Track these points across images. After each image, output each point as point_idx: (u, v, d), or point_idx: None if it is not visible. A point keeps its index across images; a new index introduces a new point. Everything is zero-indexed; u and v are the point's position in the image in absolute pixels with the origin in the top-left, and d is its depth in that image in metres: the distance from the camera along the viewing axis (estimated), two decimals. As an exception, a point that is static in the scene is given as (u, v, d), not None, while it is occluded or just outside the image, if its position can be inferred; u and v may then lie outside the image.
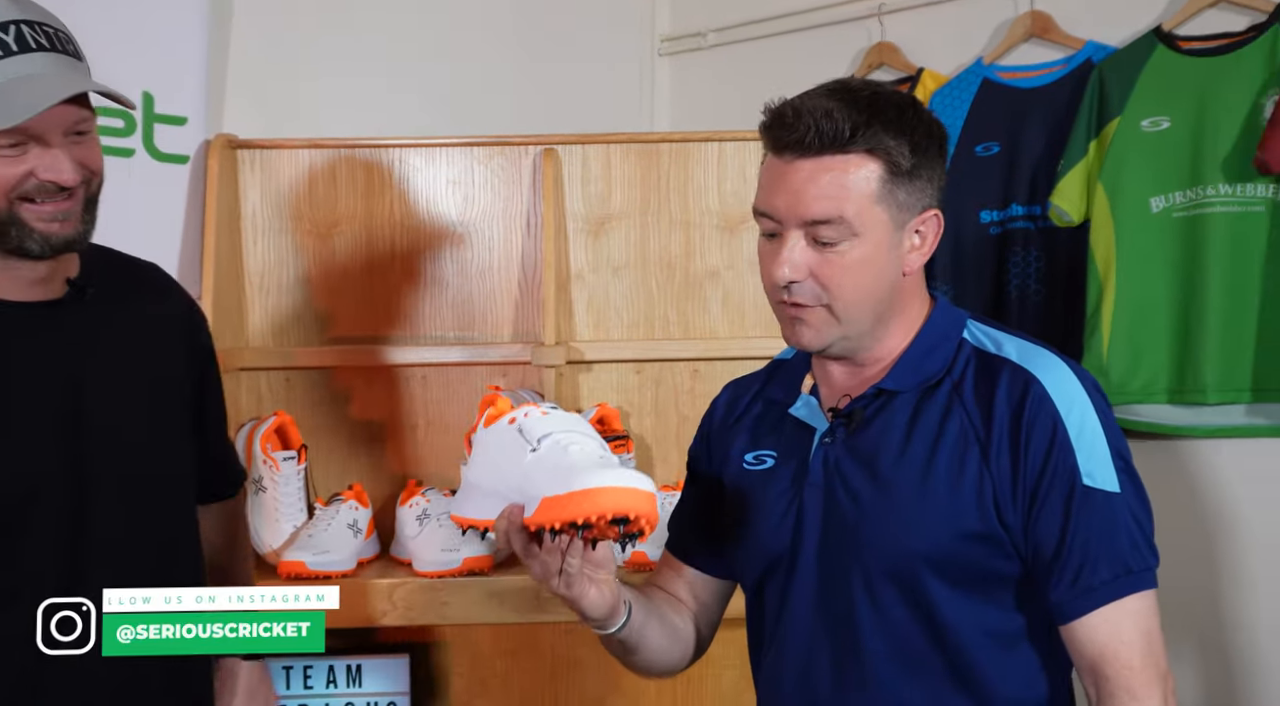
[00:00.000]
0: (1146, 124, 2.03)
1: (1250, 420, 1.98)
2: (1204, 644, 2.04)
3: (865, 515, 1.08)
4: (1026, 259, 2.18)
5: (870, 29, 2.42)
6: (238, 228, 1.96)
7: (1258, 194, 1.94)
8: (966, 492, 1.05)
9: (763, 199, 1.09)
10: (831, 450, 1.11)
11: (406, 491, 1.90)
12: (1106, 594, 1.01)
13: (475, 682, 2.01)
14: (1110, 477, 1.03)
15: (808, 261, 1.06)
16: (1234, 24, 2.00)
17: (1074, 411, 1.04)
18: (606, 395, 2.00)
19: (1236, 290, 1.95)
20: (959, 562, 1.05)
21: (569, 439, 1.01)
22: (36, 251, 1.11)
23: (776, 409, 1.18)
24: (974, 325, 1.14)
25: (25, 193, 1.09)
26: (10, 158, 1.07)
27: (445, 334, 2.00)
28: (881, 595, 1.07)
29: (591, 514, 0.94)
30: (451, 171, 2.00)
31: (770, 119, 1.08)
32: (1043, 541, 1.03)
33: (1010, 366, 1.08)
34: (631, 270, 2.00)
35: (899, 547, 1.06)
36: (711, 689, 2.00)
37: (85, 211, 1.12)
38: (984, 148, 2.23)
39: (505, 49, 2.51)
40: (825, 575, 1.10)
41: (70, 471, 1.15)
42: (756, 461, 1.18)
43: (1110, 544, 1.02)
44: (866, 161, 1.05)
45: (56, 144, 1.09)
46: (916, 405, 1.09)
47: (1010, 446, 1.04)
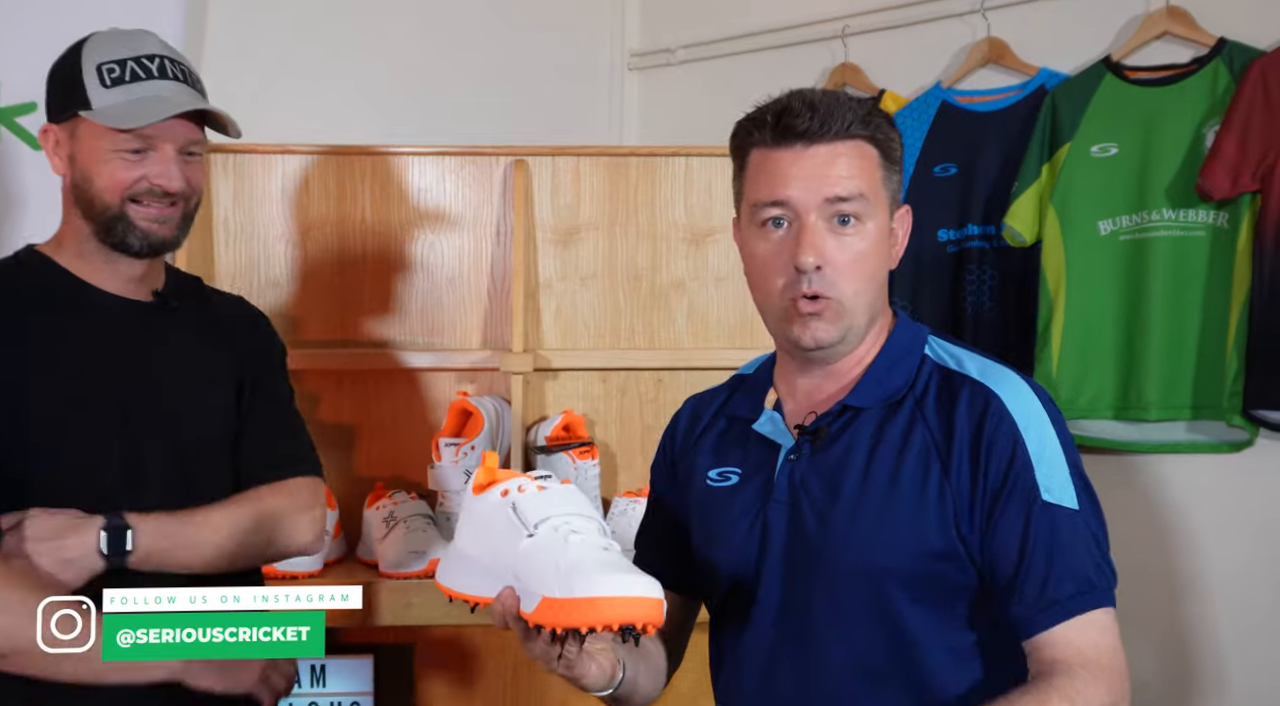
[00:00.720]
0: (1096, 150, 2.11)
1: (1191, 436, 2.06)
2: (1150, 647, 2.12)
3: (830, 532, 1.08)
4: (981, 277, 2.25)
5: (834, 50, 2.48)
6: (209, 231, 1.97)
7: (1199, 219, 2.02)
8: (929, 509, 1.06)
9: (771, 190, 1.09)
10: (797, 467, 1.12)
11: (373, 494, 1.92)
12: (1070, 608, 1.02)
13: (439, 683, 2.02)
14: (1070, 494, 1.05)
15: (827, 247, 1.07)
16: (1179, 56, 2.08)
17: (1033, 428, 1.06)
18: (572, 402, 2.03)
19: (1178, 311, 2.03)
20: (922, 578, 1.06)
21: (567, 526, 0.98)
22: (136, 248, 1.28)
23: (740, 424, 1.19)
24: (935, 341, 1.16)
25: (136, 194, 1.27)
26: (130, 162, 1.26)
27: (414, 339, 2.02)
28: (846, 610, 1.07)
29: (597, 624, 0.91)
30: (423, 180, 2.02)
31: (777, 112, 1.09)
32: (1001, 556, 1.04)
33: (971, 382, 1.09)
34: (599, 280, 2.03)
35: (864, 564, 1.07)
36: (669, 694, 2.03)
37: (183, 221, 1.31)
38: (942, 168, 2.30)
39: (478, 61, 2.55)
40: (789, 591, 1.11)
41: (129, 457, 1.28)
42: (721, 478, 1.18)
43: (1072, 559, 1.03)
44: (870, 148, 1.10)
45: (169, 156, 1.28)
46: (880, 422, 1.10)
47: (970, 461, 1.05)
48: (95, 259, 1.31)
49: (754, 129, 1.11)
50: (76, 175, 1.28)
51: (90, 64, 1.28)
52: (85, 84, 1.27)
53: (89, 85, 1.27)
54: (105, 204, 1.27)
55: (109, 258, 1.30)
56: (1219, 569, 2.06)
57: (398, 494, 1.90)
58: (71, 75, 1.28)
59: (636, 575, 0.93)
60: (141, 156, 1.27)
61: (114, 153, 1.26)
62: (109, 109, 1.26)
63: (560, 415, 1.95)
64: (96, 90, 1.26)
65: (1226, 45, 2.02)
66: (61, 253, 1.32)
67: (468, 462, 1.86)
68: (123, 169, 1.26)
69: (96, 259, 1.31)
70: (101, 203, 1.27)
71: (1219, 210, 2.00)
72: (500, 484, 1.03)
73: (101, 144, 1.26)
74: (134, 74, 1.27)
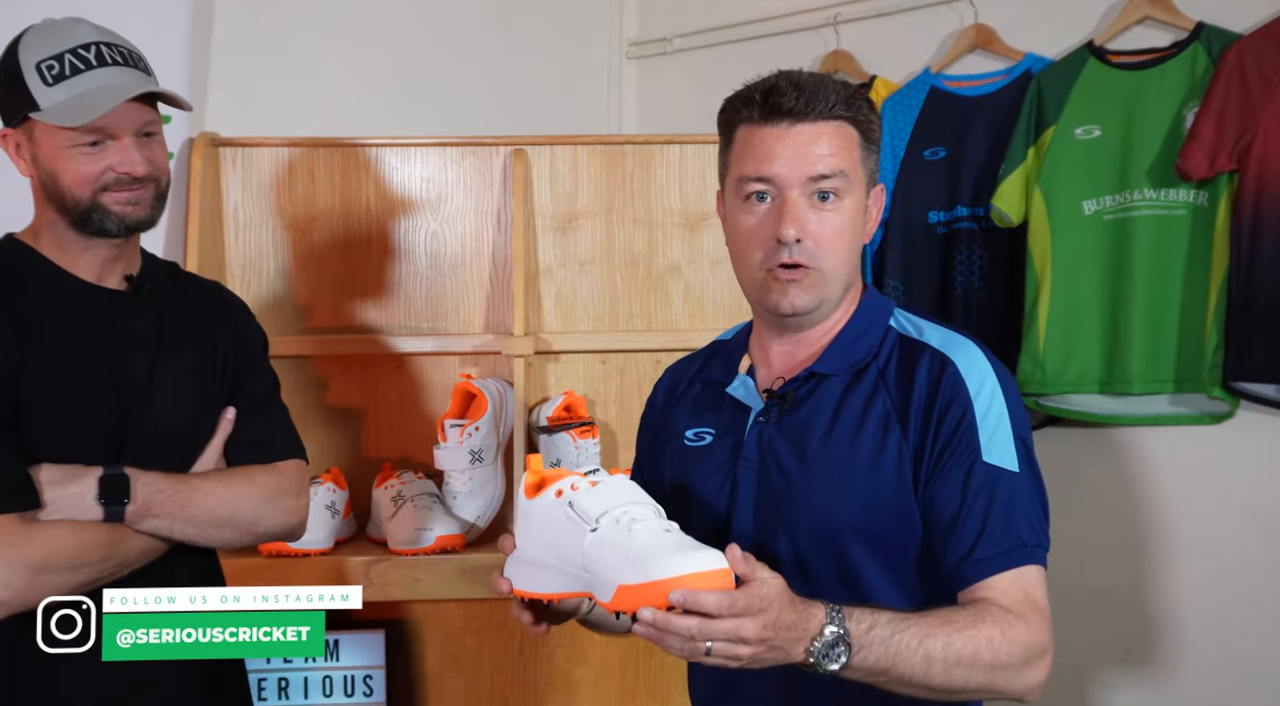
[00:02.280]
0: (1080, 132, 2.15)
1: (1173, 409, 2.11)
2: (1128, 611, 2.17)
3: (794, 489, 1.15)
4: (970, 257, 2.30)
5: (826, 38, 2.53)
6: (219, 222, 2.02)
7: (1180, 199, 2.07)
8: (886, 469, 1.12)
9: (756, 166, 1.15)
10: (765, 429, 1.18)
11: (382, 474, 1.98)
12: (1002, 562, 1.08)
13: (447, 657, 2.08)
14: (1011, 458, 1.11)
15: (809, 221, 1.13)
16: (1159, 40, 2.13)
17: (983, 394, 1.12)
18: (573, 384, 2.08)
19: (1159, 287, 2.07)
20: (877, 532, 1.13)
21: (627, 515, 1.02)
22: (114, 231, 1.30)
23: (715, 388, 1.26)
24: (900, 314, 1.22)
25: (104, 184, 1.29)
26: (92, 155, 1.28)
27: (419, 324, 2.06)
28: (808, 561, 1.14)
29: (660, 606, 0.95)
30: (426, 170, 2.07)
31: (765, 90, 1.15)
32: (940, 509, 1.10)
33: (930, 350, 1.16)
34: (597, 265, 2.08)
35: (824, 518, 1.13)
36: (674, 659, 2.08)
37: (155, 200, 1.32)
38: (931, 152, 2.35)
39: (478, 52, 2.59)
40: (756, 543, 1.16)
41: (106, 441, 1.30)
42: (696, 438, 1.24)
43: (1006, 518, 1.09)
44: (851, 129, 1.16)
45: (128, 142, 1.29)
46: (845, 388, 1.17)
47: (923, 421, 1.12)
48: (73, 248, 1.32)
49: (742, 106, 1.16)
50: (43, 174, 1.30)
51: (29, 63, 1.27)
52: (29, 85, 1.26)
53: (32, 86, 1.26)
54: (76, 198, 1.28)
55: (87, 244, 1.32)
56: (1201, 535, 2.11)
57: (405, 474, 1.95)
58: (13, 77, 1.28)
59: (702, 550, 0.97)
60: (101, 148, 1.27)
61: (73, 148, 1.27)
62: (57, 107, 1.25)
63: (561, 396, 2.00)
64: (41, 90, 1.26)
65: (1204, 29, 2.07)
66: (40, 242, 1.33)
67: (472, 443, 1.91)
68: (86, 163, 1.27)
69: (74, 248, 1.32)
70: (73, 197, 1.28)
71: (1198, 190, 2.04)
72: (553, 485, 1.06)
73: (58, 141, 1.27)
74: (73, 67, 1.26)
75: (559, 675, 2.10)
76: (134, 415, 1.32)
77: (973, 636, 1.03)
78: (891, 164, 2.37)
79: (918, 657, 1.00)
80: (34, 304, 1.30)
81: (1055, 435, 2.23)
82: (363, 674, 1.99)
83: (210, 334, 1.42)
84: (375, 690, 1.99)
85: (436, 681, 2.08)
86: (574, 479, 1.06)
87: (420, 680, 2.07)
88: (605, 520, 1.02)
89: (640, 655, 2.11)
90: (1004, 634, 1.04)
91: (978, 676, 1.03)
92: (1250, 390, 2.00)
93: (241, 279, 2.03)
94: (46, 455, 1.26)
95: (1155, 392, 2.10)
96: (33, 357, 1.27)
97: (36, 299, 1.30)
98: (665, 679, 2.10)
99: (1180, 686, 2.13)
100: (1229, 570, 2.09)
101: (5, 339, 1.26)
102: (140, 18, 1.97)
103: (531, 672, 2.10)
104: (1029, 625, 1.06)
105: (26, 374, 1.26)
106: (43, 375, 1.27)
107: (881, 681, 1.02)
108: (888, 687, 1.03)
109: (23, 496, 1.23)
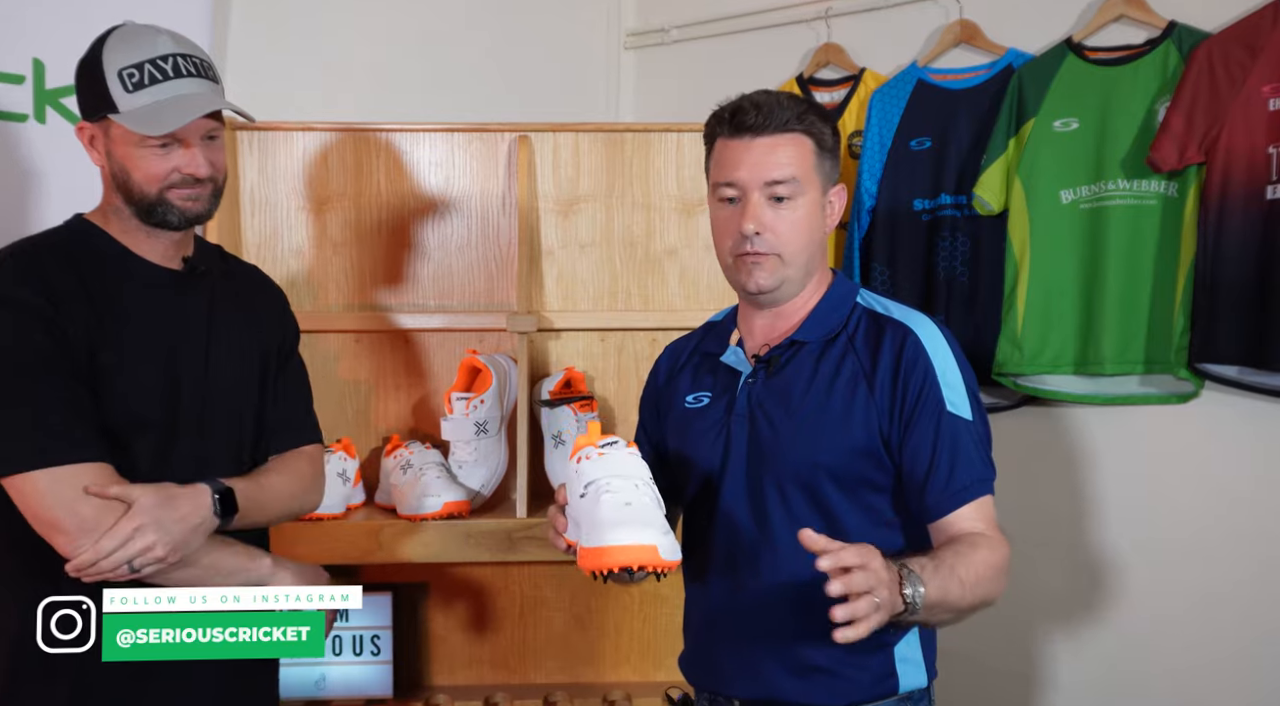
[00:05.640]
0: (1058, 124, 2.24)
1: (1143, 389, 2.21)
2: (1095, 574, 2.28)
3: (779, 437, 1.36)
4: (954, 243, 2.39)
5: (818, 31, 2.61)
6: (236, 203, 2.10)
7: (1151, 189, 2.16)
8: (856, 416, 1.33)
9: (725, 173, 1.37)
10: (754, 389, 1.39)
11: (390, 444, 2.06)
12: (968, 495, 1.30)
13: (451, 619, 2.18)
14: (966, 408, 1.33)
15: (767, 219, 1.34)
16: (1134, 37, 2.21)
17: (939, 357, 1.34)
18: (574, 360, 2.16)
19: (1131, 274, 2.16)
20: (849, 471, 1.33)
21: (606, 487, 1.20)
22: (175, 223, 1.43)
23: (710, 358, 1.47)
24: (865, 293, 1.44)
25: (171, 182, 1.41)
26: (161, 155, 1.40)
27: (426, 302, 2.14)
28: (790, 498, 1.35)
29: (601, 568, 1.15)
30: (434, 154, 2.14)
31: (732, 111, 1.37)
32: (916, 455, 1.31)
33: (893, 323, 1.37)
34: (597, 247, 2.15)
35: (804, 460, 1.34)
36: (665, 624, 2.19)
37: (213, 197, 1.45)
38: (918, 142, 2.43)
39: (484, 42, 2.67)
40: (747, 486, 1.37)
41: (168, 404, 1.42)
42: (695, 401, 1.46)
43: (968, 457, 1.31)
44: (805, 139, 1.37)
45: (195, 145, 1.41)
46: (820, 353, 1.38)
47: (891, 382, 1.33)
48: (138, 233, 1.44)
49: (716, 123, 1.39)
50: (114, 167, 1.41)
51: (112, 69, 1.37)
52: (110, 88, 1.37)
53: (113, 90, 1.37)
54: (144, 192, 1.40)
55: (150, 231, 1.44)
56: (1168, 507, 2.21)
57: (413, 444, 2.04)
58: (96, 78, 1.39)
59: (638, 528, 1.15)
60: (169, 149, 1.39)
61: (145, 148, 1.38)
62: (135, 113, 1.36)
63: (562, 372, 2.08)
64: (121, 95, 1.37)
65: (1176, 28, 2.15)
66: (109, 224, 1.46)
67: (477, 415, 2.00)
68: (156, 163, 1.39)
69: (139, 233, 1.44)
70: (140, 191, 1.40)
71: (1169, 181, 2.13)
72: (578, 450, 1.26)
73: (132, 140, 1.38)
74: (152, 77, 1.37)
75: (557, 638, 2.19)
76: (192, 384, 1.45)
77: (978, 559, 1.23)
78: (880, 153, 2.46)
79: (954, 583, 1.20)
80: (107, 281, 1.41)
81: (1031, 413, 2.33)
82: (371, 634, 2.08)
83: (255, 314, 1.56)
84: (383, 649, 2.08)
85: (441, 642, 2.18)
86: (589, 449, 1.25)
87: (425, 640, 2.17)
88: (591, 489, 1.21)
89: (634, 619, 2.20)
90: (992, 553, 1.26)
91: (985, 589, 1.24)
92: (1214, 371, 2.09)
93: (257, 257, 2.10)
94: (112, 418, 1.37)
95: (1126, 373, 2.19)
96: (106, 330, 1.38)
97: (109, 276, 1.42)
98: (657, 642, 2.20)
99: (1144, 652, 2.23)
100: (1193, 538, 2.19)
101: (84, 312, 1.37)
102: (163, 10, 2.06)
103: (531, 635, 2.19)
104: (999, 542, 1.29)
105: (100, 344, 1.37)
106: (114, 345, 1.38)
107: (934, 615, 1.19)
108: (934, 622, 1.22)
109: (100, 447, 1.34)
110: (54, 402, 1.32)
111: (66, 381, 1.33)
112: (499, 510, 2.04)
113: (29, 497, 1.30)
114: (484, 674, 2.18)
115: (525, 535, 1.93)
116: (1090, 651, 2.28)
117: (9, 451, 1.31)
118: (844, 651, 1.28)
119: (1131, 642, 2.24)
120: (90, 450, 1.32)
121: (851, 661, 1.32)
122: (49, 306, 1.34)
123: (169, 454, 1.41)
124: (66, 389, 1.33)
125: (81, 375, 1.35)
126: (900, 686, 1.35)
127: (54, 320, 1.34)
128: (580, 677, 2.19)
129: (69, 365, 1.34)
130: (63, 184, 1.95)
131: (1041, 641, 2.33)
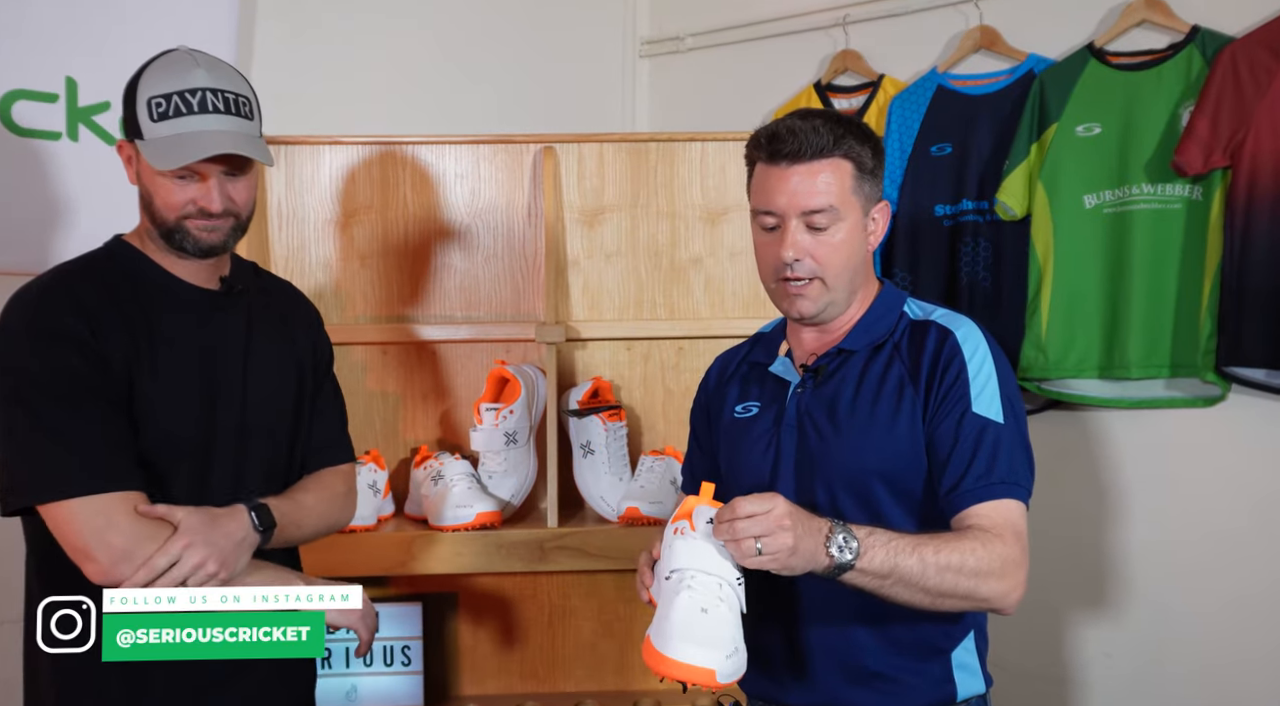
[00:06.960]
0: (1080, 129, 2.25)
1: (1168, 393, 2.22)
2: (1121, 575, 2.28)
3: (827, 444, 1.38)
4: (976, 249, 2.40)
5: (835, 38, 2.61)
6: (264, 216, 2.10)
7: (1176, 193, 2.16)
8: (901, 423, 1.35)
9: (763, 200, 1.38)
10: (802, 398, 1.42)
11: (419, 455, 2.07)
12: (985, 493, 1.29)
13: (481, 628, 2.18)
14: (997, 411, 1.32)
15: (806, 245, 1.35)
16: (1156, 42, 2.22)
17: (976, 358, 1.35)
18: (600, 370, 2.17)
19: (1156, 278, 2.17)
20: (895, 473, 1.35)
21: (689, 583, 1.16)
22: (191, 251, 1.43)
23: (759, 368, 1.49)
24: (912, 302, 1.45)
25: (187, 213, 1.41)
26: (179, 186, 1.40)
27: (454, 313, 2.14)
28: (839, 501, 1.36)
29: (658, 673, 1.14)
30: (459, 167, 2.14)
31: (767, 137, 1.37)
32: (937, 448, 1.33)
33: (935, 325, 1.40)
34: (623, 257, 2.15)
35: (853, 465, 1.36)
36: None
37: (232, 231, 1.44)
38: (938, 148, 2.44)
39: (503, 55, 2.68)
40: (798, 493, 1.38)
41: (206, 423, 1.43)
42: (744, 410, 1.47)
43: (990, 459, 1.30)
44: (844, 163, 1.37)
45: (211, 181, 1.40)
46: (866, 361, 1.39)
47: (928, 379, 1.35)
48: (171, 255, 1.44)
49: (755, 148, 1.39)
50: (142, 190, 1.42)
51: (143, 96, 1.37)
52: (139, 115, 1.38)
53: (141, 118, 1.38)
54: (164, 219, 1.41)
55: (181, 256, 1.44)
56: (1195, 510, 2.22)
57: (443, 455, 2.03)
58: (131, 101, 1.40)
59: (704, 647, 1.13)
60: (187, 181, 1.38)
61: (164, 177, 1.38)
62: (154, 142, 1.37)
63: (590, 381, 2.08)
64: (146, 123, 1.37)
65: (1199, 32, 2.16)
66: (146, 246, 1.45)
67: (507, 426, 2.01)
68: (173, 192, 1.39)
69: (172, 255, 1.45)
70: (160, 217, 1.41)
71: (1194, 185, 2.14)
72: (676, 521, 1.22)
73: (154, 168, 1.38)
74: (177, 109, 1.36)
75: (586, 647, 2.18)
76: (230, 406, 1.45)
77: (958, 546, 1.23)
78: (900, 159, 2.47)
79: (914, 559, 1.19)
80: (145, 302, 1.42)
81: (1056, 417, 2.34)
82: (401, 644, 2.08)
83: (290, 331, 1.57)
84: (413, 660, 2.08)
85: (470, 652, 2.17)
86: (683, 523, 1.21)
87: (455, 650, 2.17)
88: (675, 576, 1.19)
89: (663, 627, 2.21)
90: (984, 546, 1.24)
91: (964, 581, 1.22)
92: (1241, 374, 2.10)
93: (285, 270, 2.10)
94: (150, 443, 1.38)
95: (1152, 377, 2.20)
96: (145, 356, 1.39)
97: (147, 298, 1.42)
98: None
99: (1164, 653, 2.23)
100: (1221, 540, 2.19)
101: (123, 339, 1.37)
102: (187, 24, 2.08)
103: (560, 644, 2.19)
104: (1005, 542, 1.26)
105: (139, 371, 1.38)
106: (153, 372, 1.39)
107: (886, 586, 1.19)
108: (891, 594, 1.21)
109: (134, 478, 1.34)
110: (92, 433, 1.32)
111: (105, 411, 1.33)
112: (529, 520, 2.04)
113: (63, 525, 1.30)
114: (513, 683, 2.18)
115: (556, 545, 1.93)
116: (1120, 653, 2.29)
117: (47, 481, 1.31)
118: (901, 658, 1.31)
119: (1161, 645, 2.24)
120: (126, 480, 1.33)
121: (909, 667, 1.33)
122: (89, 335, 1.34)
123: (207, 476, 1.42)
124: (104, 419, 1.33)
125: (120, 403, 1.35)
126: (959, 694, 1.35)
127: (94, 348, 1.34)
128: (609, 686, 2.18)
129: (108, 393, 1.34)
130: (95, 201, 1.96)
131: (1071, 644, 2.33)
